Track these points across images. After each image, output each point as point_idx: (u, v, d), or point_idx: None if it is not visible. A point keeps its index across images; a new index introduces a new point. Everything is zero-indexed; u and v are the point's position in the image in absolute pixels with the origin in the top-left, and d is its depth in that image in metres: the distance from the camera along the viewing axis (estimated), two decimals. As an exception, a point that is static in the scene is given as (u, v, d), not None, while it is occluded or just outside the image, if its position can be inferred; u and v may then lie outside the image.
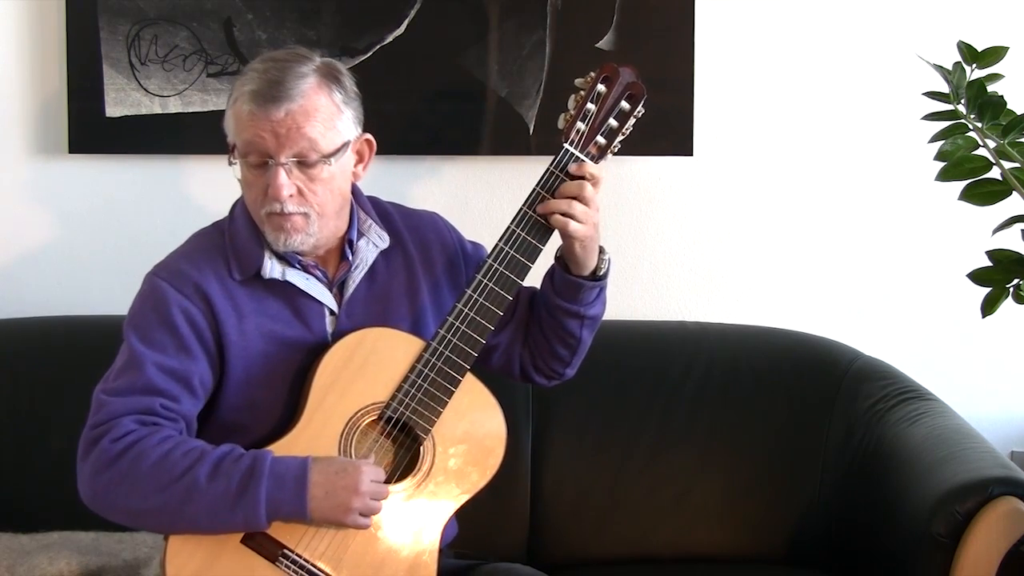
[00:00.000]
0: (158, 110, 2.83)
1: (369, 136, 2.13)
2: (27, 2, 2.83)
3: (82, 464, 1.99)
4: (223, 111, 2.77)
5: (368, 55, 2.82)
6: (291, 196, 2.02)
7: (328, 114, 2.03)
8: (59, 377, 2.64)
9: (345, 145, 2.06)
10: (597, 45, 2.84)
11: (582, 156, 2.07)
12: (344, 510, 1.96)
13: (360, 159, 2.13)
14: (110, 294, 2.83)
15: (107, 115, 2.82)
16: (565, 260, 2.14)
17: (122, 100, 2.82)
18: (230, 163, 2.08)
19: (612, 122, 2.09)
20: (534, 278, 2.16)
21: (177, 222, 2.81)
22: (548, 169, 2.07)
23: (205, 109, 2.83)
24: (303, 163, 2.02)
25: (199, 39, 2.81)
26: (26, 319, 2.78)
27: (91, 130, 2.83)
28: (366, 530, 2.01)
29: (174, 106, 2.83)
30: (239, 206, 2.15)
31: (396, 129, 2.79)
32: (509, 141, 2.87)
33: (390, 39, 2.83)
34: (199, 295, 2.06)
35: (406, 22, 2.83)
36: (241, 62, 2.81)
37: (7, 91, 2.85)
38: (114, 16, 2.80)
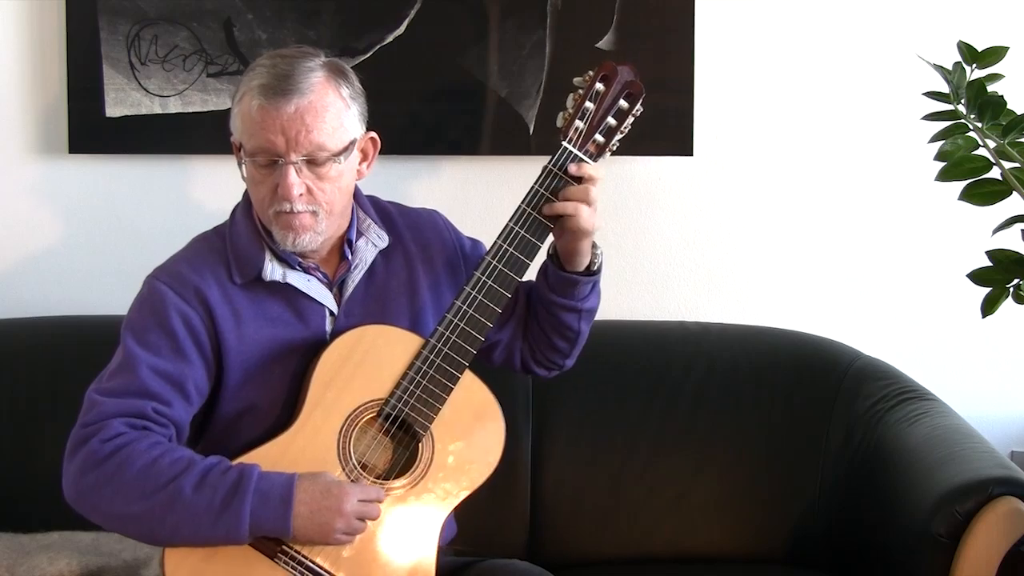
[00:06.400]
0: (158, 110, 2.83)
1: (374, 134, 2.14)
2: (27, 2, 2.83)
3: (69, 462, 1.98)
4: (223, 111, 2.80)
5: (368, 55, 2.82)
6: (301, 195, 2.02)
7: (336, 110, 2.03)
8: (59, 377, 2.64)
9: (352, 143, 2.07)
10: (597, 45, 2.84)
11: (580, 154, 2.08)
12: (327, 530, 1.96)
13: (364, 157, 2.13)
14: (110, 294, 2.84)
15: (107, 115, 2.82)
16: (559, 258, 2.15)
17: (122, 100, 2.82)
18: (239, 163, 2.07)
19: (611, 120, 2.09)
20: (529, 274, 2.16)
21: (177, 222, 2.82)
22: (546, 167, 2.08)
23: (205, 109, 2.83)
24: (313, 162, 2.02)
25: (199, 39, 2.81)
26: (26, 319, 2.78)
27: (91, 130, 2.83)
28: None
29: (174, 106, 2.83)
30: (239, 210, 2.15)
31: (396, 129, 2.79)
32: (509, 141, 2.87)
33: (390, 39, 2.83)
34: (199, 299, 2.06)
35: (406, 22, 2.83)
36: (241, 62, 2.81)
37: (7, 91, 2.85)
38: (114, 16, 2.80)
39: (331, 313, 2.12)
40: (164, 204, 2.88)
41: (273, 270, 2.08)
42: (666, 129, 2.84)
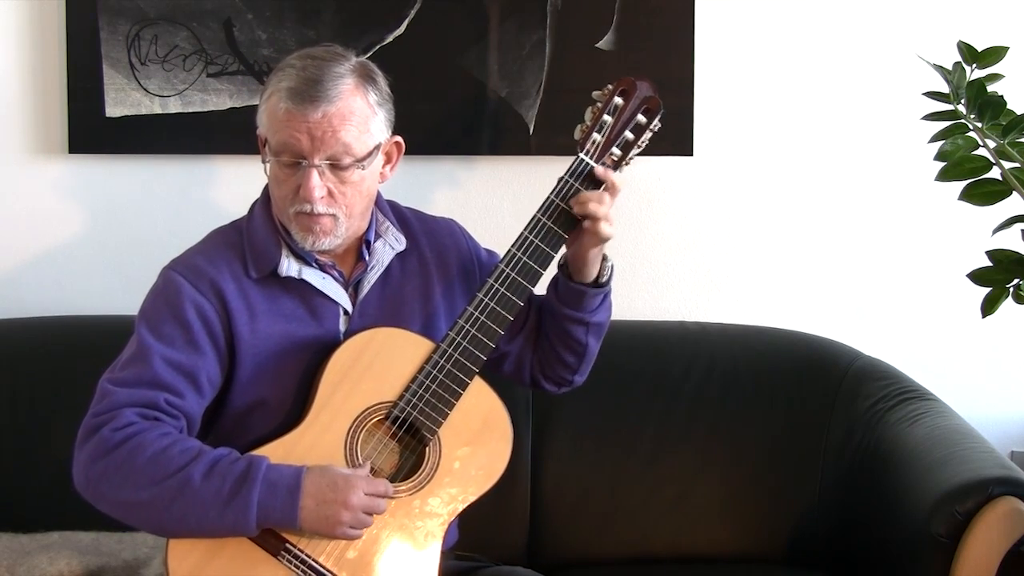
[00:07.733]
0: (158, 110, 2.83)
1: (399, 139, 2.14)
2: (27, 2, 2.83)
3: (79, 450, 1.99)
4: (224, 111, 2.82)
5: (368, 55, 2.81)
6: (322, 198, 2.02)
7: (363, 117, 2.03)
8: (59, 377, 2.64)
9: (377, 148, 2.07)
10: (597, 45, 2.84)
11: (597, 167, 2.08)
12: (334, 523, 1.96)
13: (388, 160, 2.14)
14: (110, 294, 2.84)
15: (107, 115, 2.82)
16: (569, 268, 2.15)
17: (122, 100, 2.82)
18: (263, 160, 2.07)
19: (628, 135, 2.10)
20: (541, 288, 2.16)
21: (177, 222, 2.83)
22: (563, 178, 2.08)
23: (205, 109, 2.83)
24: (336, 166, 2.02)
25: (199, 39, 2.81)
26: (26, 319, 2.78)
27: (91, 130, 2.83)
28: (370, 529, 2.01)
29: (174, 106, 2.83)
30: (258, 205, 2.15)
31: (396, 129, 2.78)
32: (509, 141, 2.87)
33: (390, 39, 2.83)
34: (214, 292, 2.06)
35: (406, 22, 2.83)
36: (241, 62, 2.81)
37: (7, 91, 2.85)
38: (114, 16, 2.80)
39: (345, 312, 2.12)
40: (164, 204, 2.88)
41: (289, 266, 2.08)
42: (666, 129, 2.80)
